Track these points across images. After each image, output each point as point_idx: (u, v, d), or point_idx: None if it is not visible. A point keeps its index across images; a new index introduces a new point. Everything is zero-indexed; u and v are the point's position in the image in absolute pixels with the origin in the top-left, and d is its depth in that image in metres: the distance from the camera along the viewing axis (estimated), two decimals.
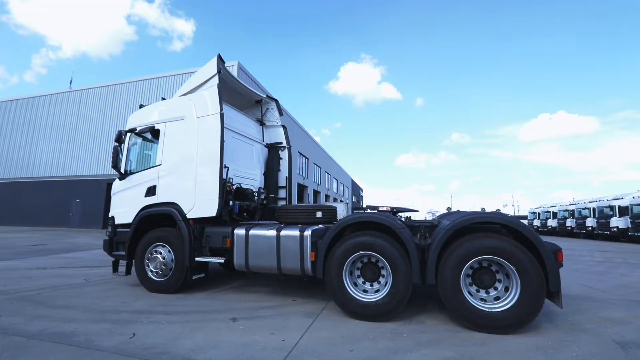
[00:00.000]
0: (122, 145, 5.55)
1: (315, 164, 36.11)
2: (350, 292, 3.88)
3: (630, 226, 18.50)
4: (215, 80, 5.07)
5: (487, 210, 5.96)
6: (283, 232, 4.31)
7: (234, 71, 19.64)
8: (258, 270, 4.55)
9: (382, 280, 3.97)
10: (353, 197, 66.12)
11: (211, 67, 5.23)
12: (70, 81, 26.77)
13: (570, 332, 3.42)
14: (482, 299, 3.59)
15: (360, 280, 4.05)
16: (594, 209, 22.26)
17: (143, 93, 21.53)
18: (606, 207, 20.89)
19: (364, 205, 4.63)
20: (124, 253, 5.29)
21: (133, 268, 5.35)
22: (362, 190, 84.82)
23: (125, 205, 5.43)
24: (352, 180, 67.18)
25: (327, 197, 42.55)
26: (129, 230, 5.29)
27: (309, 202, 31.17)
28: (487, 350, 2.98)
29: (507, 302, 3.41)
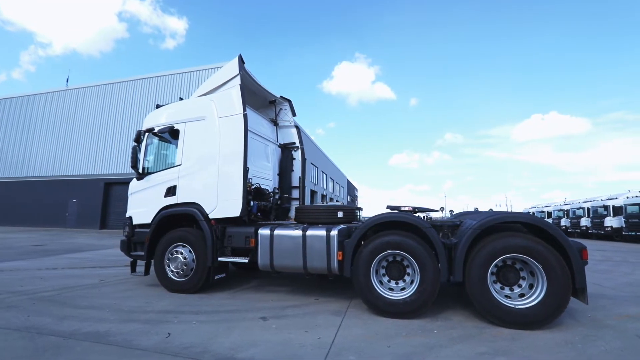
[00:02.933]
0: (141, 145, 5.53)
1: (312, 164, 36.14)
2: (378, 290, 3.95)
3: (624, 226, 18.94)
4: (237, 80, 5.09)
5: (480, 209, 6.14)
6: (309, 232, 4.36)
7: None
8: (283, 270, 4.59)
9: (407, 278, 4.05)
10: (348, 197, 66.36)
11: (232, 68, 5.25)
12: (67, 79, 26.20)
13: (594, 328, 3.55)
14: (506, 296, 3.69)
15: (385, 279, 4.12)
16: (588, 209, 22.75)
17: (142, 92, 21.32)
18: (600, 207, 21.37)
19: (388, 205, 4.72)
20: (142, 253, 5.27)
21: (151, 268, 5.35)
22: (356, 190, 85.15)
23: (144, 205, 5.41)
24: (348, 180, 67.39)
25: (323, 197, 42.61)
26: (147, 230, 5.28)
27: (306, 203, 31.12)
28: (520, 345, 3.07)
29: (533, 299, 3.52)
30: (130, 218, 5.52)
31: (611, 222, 19.94)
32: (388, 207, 5.04)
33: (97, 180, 21.10)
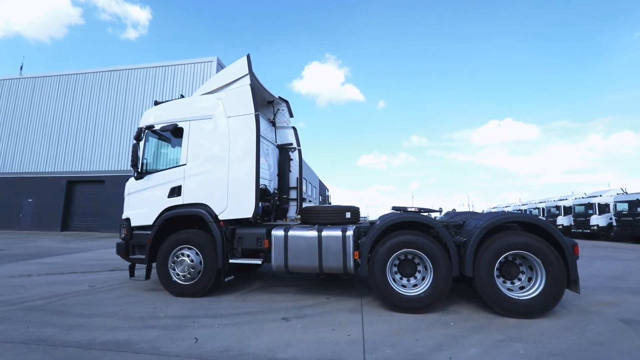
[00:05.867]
0: (140, 143, 5.26)
1: None
2: (394, 287, 4.15)
3: (572, 224, 21.10)
4: (247, 80, 5.05)
5: (444, 209, 6.74)
6: (325, 233, 4.45)
7: (212, 67, 19.03)
8: (297, 271, 4.64)
9: (418, 275, 4.30)
10: (320, 197, 66.76)
11: (240, 67, 5.19)
12: (21, 67, 23.68)
13: (582, 315, 4.02)
14: (508, 289, 4.07)
15: (397, 276, 4.34)
16: (543, 209, 25.01)
17: (110, 85, 19.90)
18: (553, 207, 23.61)
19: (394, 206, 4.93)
20: (143, 256, 5.03)
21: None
22: (328, 190, 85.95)
23: (144, 206, 5.15)
24: (320, 180, 67.81)
25: None
26: (146, 232, 5.05)
27: None
28: (528, 332, 3.42)
29: (534, 291, 3.91)
30: (127, 220, 5.23)
31: (562, 220, 22.09)
32: (393, 207, 5.28)
33: (57, 178, 19.32)
